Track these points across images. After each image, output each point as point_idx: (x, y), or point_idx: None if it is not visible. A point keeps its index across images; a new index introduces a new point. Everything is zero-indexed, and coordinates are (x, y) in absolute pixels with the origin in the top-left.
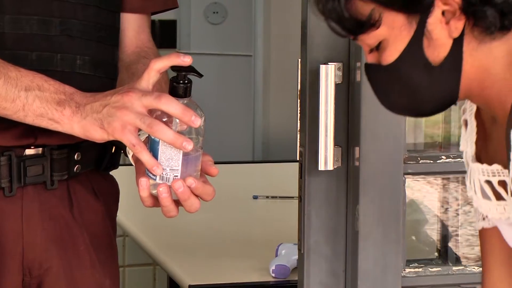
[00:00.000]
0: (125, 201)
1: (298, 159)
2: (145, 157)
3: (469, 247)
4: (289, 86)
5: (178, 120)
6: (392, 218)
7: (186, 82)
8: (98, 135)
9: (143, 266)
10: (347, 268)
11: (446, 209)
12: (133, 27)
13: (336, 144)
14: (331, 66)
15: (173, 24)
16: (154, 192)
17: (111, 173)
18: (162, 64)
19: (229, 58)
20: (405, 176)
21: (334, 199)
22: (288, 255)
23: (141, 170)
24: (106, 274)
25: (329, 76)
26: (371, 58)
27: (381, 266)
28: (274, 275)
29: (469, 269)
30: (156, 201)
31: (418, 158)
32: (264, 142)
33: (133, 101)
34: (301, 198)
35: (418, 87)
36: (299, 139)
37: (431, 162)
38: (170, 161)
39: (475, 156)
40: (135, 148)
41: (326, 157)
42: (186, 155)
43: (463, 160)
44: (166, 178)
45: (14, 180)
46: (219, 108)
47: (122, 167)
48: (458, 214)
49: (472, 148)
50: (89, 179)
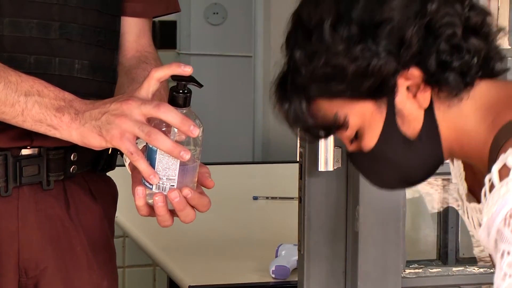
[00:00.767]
0: (125, 201)
1: (298, 160)
2: (142, 165)
3: (469, 248)
4: None
5: (176, 129)
6: (392, 219)
7: (186, 92)
8: (96, 143)
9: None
10: (347, 269)
11: (446, 210)
12: (133, 31)
13: (336, 145)
14: None
15: (173, 25)
16: (150, 201)
17: (112, 174)
18: (163, 73)
19: (229, 59)
20: None
21: (334, 200)
22: (288, 256)
23: (137, 179)
24: (103, 275)
25: None
26: (353, 147)
27: (381, 267)
28: (274, 276)
29: (469, 270)
30: (151, 210)
31: None
32: (264, 143)
33: (132, 109)
34: (301, 199)
35: (403, 164)
36: (299, 140)
37: None
38: (167, 170)
39: (468, 193)
40: (133, 156)
41: (326, 158)
42: (183, 165)
43: (457, 194)
44: (163, 187)
45: (10, 180)
46: (219, 109)
47: (122, 168)
48: (458, 215)
49: (463, 186)
50: (86, 180)
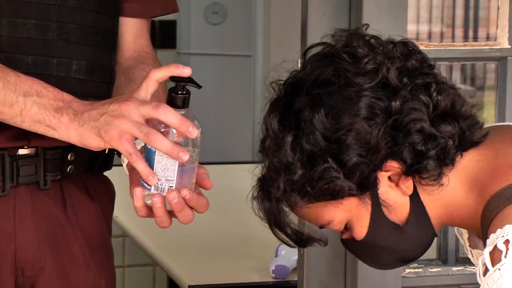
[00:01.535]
0: (124, 201)
1: None
2: (141, 166)
3: None
4: None
5: (175, 130)
6: None
7: (185, 93)
8: (94, 143)
9: (143, 266)
10: (347, 268)
11: None
12: (132, 31)
13: None
14: None
15: (173, 24)
16: (148, 202)
17: (111, 174)
18: (162, 74)
19: (229, 58)
20: None
21: None
22: (288, 256)
23: (135, 180)
24: (101, 275)
25: None
26: (346, 236)
27: None
28: (274, 276)
29: (469, 269)
30: (150, 211)
31: None
32: None
33: (130, 110)
34: None
35: (397, 248)
36: None
37: None
38: (165, 171)
39: (469, 239)
40: (132, 157)
41: None
42: (181, 166)
43: (457, 232)
44: (161, 188)
45: (6, 179)
46: (219, 108)
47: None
48: None
49: (464, 231)
50: (82, 180)
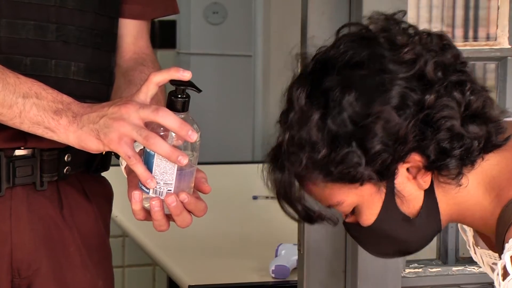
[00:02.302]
0: (124, 201)
1: None
2: (139, 169)
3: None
4: None
5: (174, 134)
6: None
7: (184, 96)
8: (93, 146)
9: (143, 266)
10: (347, 268)
11: None
12: (131, 33)
13: None
14: None
15: (172, 24)
16: (146, 205)
17: (110, 174)
18: (162, 77)
19: (229, 58)
20: None
21: None
22: (288, 256)
23: (133, 183)
24: (99, 275)
25: None
26: (350, 219)
27: (381, 266)
28: (274, 276)
29: (469, 269)
30: (148, 214)
31: None
32: (264, 143)
33: (130, 113)
34: None
35: (401, 239)
36: None
37: None
38: (164, 175)
39: (475, 237)
40: (130, 160)
41: None
42: (180, 170)
43: (461, 230)
44: (160, 192)
45: (3, 180)
46: (219, 108)
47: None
48: None
49: (469, 229)
50: (79, 181)
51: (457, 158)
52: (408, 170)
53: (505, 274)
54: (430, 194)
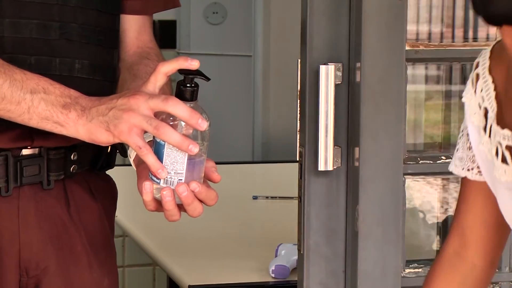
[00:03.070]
0: (124, 201)
1: (298, 160)
2: (150, 160)
3: None
4: (289, 86)
5: (183, 123)
6: (392, 219)
7: (193, 85)
8: (103, 138)
9: (143, 266)
10: (347, 268)
11: (446, 209)
12: (134, 28)
13: (336, 144)
14: (331, 67)
15: (172, 24)
16: (157, 196)
17: (111, 174)
18: (170, 67)
19: (228, 58)
20: (404, 176)
21: (334, 200)
22: (287, 256)
23: (143, 174)
24: (104, 274)
25: (329, 76)
26: None
27: (381, 267)
28: (273, 276)
29: None
30: (159, 205)
31: (418, 159)
32: (264, 143)
33: (139, 103)
34: (300, 198)
35: None
36: (299, 139)
37: (431, 162)
38: (175, 164)
39: (497, 115)
40: (141, 150)
41: (326, 157)
42: (191, 159)
43: (466, 114)
44: (170, 181)
45: (10, 180)
46: (219, 108)
47: (122, 168)
48: None
49: (492, 106)
50: (85, 179)
51: None
52: None
53: None
54: None
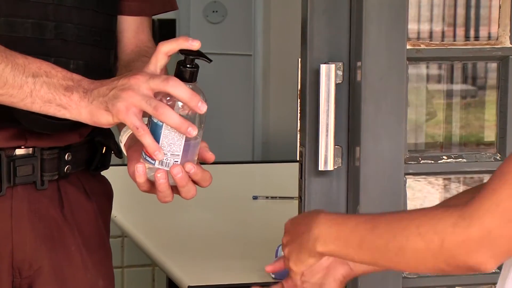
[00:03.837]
0: (123, 201)
1: (298, 159)
2: (147, 140)
3: None
4: (289, 85)
5: (180, 104)
6: None
7: (194, 66)
8: (104, 119)
9: (142, 266)
10: None
11: None
12: (132, 28)
13: (336, 144)
14: (332, 66)
15: (172, 23)
16: (150, 175)
17: (109, 173)
18: (170, 46)
19: (228, 57)
20: (406, 176)
21: (335, 200)
22: None
23: (133, 157)
24: (99, 275)
25: (329, 75)
26: None
27: None
28: (273, 276)
29: None
30: (152, 186)
31: (419, 158)
32: (264, 142)
33: (139, 83)
34: (301, 198)
35: None
36: (299, 139)
37: (432, 162)
38: (171, 146)
39: None
40: (138, 131)
41: (327, 157)
42: (187, 141)
43: None
44: (166, 163)
45: (3, 179)
46: (219, 108)
47: (121, 167)
48: None
49: None
50: (80, 179)
51: None
52: None
53: None
54: None
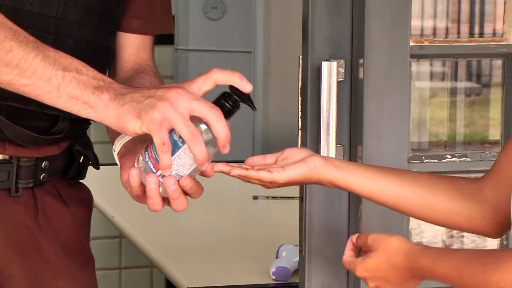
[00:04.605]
0: (122, 201)
1: None
2: (166, 159)
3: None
4: (290, 83)
5: (203, 128)
6: (395, 219)
7: (237, 107)
8: (131, 125)
9: (140, 268)
10: None
11: None
12: (132, 45)
13: (338, 143)
14: (333, 63)
15: None
16: (143, 177)
17: (109, 173)
18: (223, 78)
19: (228, 54)
20: None
21: (336, 200)
22: (289, 257)
23: (127, 166)
24: (80, 282)
25: (331, 73)
26: None
27: None
28: (274, 278)
29: None
30: (143, 194)
31: (423, 158)
32: (264, 142)
33: (180, 99)
34: (302, 198)
35: None
36: (300, 138)
37: (436, 161)
38: (181, 167)
39: None
40: (163, 147)
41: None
42: (196, 169)
43: None
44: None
45: None
46: None
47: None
48: None
49: None
50: (56, 187)
51: None
52: None
53: None
54: None
